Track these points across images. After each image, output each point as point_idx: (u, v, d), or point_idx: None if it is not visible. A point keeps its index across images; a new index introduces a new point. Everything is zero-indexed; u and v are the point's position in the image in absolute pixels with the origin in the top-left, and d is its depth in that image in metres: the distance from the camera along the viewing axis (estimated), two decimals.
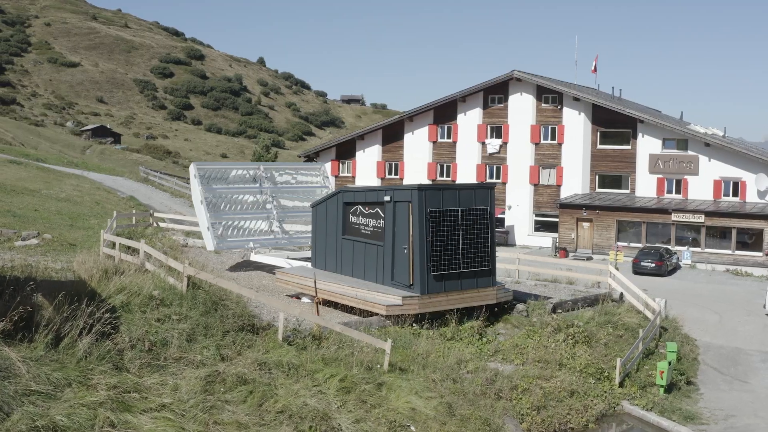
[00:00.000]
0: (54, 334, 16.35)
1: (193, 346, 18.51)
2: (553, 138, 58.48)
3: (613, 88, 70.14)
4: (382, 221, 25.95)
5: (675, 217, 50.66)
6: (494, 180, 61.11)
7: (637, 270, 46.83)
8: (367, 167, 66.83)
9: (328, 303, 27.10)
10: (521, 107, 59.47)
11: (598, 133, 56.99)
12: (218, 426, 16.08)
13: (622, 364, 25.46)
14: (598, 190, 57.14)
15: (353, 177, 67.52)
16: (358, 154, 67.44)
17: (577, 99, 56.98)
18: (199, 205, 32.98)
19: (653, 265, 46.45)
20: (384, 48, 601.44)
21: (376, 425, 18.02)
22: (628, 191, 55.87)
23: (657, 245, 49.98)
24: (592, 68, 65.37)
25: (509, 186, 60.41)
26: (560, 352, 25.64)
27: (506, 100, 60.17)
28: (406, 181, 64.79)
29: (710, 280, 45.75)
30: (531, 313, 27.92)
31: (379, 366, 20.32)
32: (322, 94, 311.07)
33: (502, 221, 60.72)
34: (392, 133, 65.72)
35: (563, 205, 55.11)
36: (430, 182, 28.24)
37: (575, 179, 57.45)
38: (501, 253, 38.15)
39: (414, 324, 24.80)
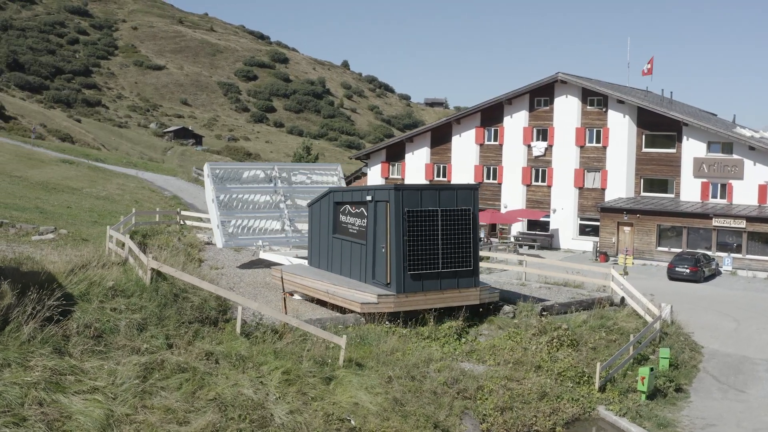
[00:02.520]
0: (2, 319, 17.26)
1: (143, 335, 19.27)
2: (598, 141, 57.80)
3: (662, 90, 68.73)
4: (366, 220, 26.38)
5: (716, 222, 49.50)
6: (540, 183, 60.75)
7: (672, 276, 46.04)
8: (416, 169, 67.23)
9: (315, 300, 27.61)
10: (566, 110, 58.98)
11: (644, 136, 56.08)
12: (146, 410, 16.84)
13: (604, 369, 25.21)
14: (642, 194, 56.23)
15: (402, 179, 67.99)
16: (408, 156, 67.89)
17: (621, 101, 56.18)
18: (210, 204, 33.99)
19: (688, 270, 45.57)
20: (468, 50, 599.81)
21: (312, 417, 18.46)
22: (672, 195, 54.81)
23: (694, 251, 48.94)
24: (645, 70, 64.32)
25: (554, 189, 59.95)
26: (540, 354, 25.55)
27: (551, 102, 59.76)
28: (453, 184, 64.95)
29: (748, 288, 44.61)
30: (518, 315, 27.82)
31: (330, 361, 20.70)
32: (405, 97, 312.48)
33: (546, 225, 60.36)
34: (440, 136, 65.98)
35: (604, 209, 54.44)
36: (477, 184, 28.37)
37: (619, 183, 56.66)
38: (527, 258, 38.01)
39: (388, 322, 25.08)
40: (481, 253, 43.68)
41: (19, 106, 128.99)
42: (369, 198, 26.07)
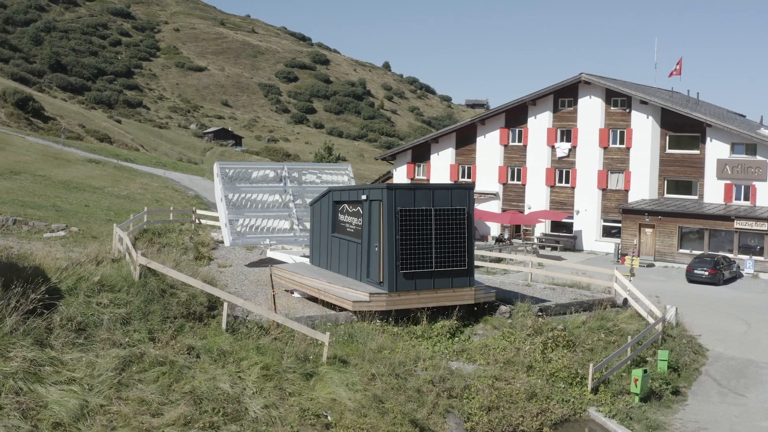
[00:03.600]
0: None
1: (125, 329, 19.71)
2: (621, 142, 57.39)
3: (688, 90, 67.95)
4: (361, 219, 26.60)
5: (738, 224, 48.89)
6: (563, 184, 60.49)
7: (691, 278, 45.60)
8: (441, 170, 67.33)
9: (313, 298, 27.90)
10: (590, 110, 58.65)
11: (667, 137, 55.56)
12: (121, 401, 17.28)
13: (597, 370, 25.13)
14: (666, 195, 55.70)
15: (428, 180, 68.10)
16: (433, 157, 68.01)
17: (645, 102, 55.71)
18: (219, 203, 34.49)
19: (707, 273, 45.08)
20: (509, 50, 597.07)
21: (287, 412, 18.74)
22: (696, 197, 54.22)
23: (714, 253, 48.40)
24: (673, 71, 63.63)
25: (578, 190, 59.64)
26: (533, 354, 25.52)
27: (575, 103, 59.48)
28: (478, 185, 64.94)
29: (767, 291, 44.04)
30: (514, 315, 27.82)
31: (312, 357, 20.95)
32: (446, 99, 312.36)
33: (570, 226, 60.07)
34: (465, 137, 66.00)
35: (626, 210, 54.06)
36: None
37: (643, 184, 56.20)
38: (532, 259, 37.85)
39: (379, 320, 25.27)
40: (495, 255, 43.77)
41: (59, 107, 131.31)
42: (364, 197, 26.30)
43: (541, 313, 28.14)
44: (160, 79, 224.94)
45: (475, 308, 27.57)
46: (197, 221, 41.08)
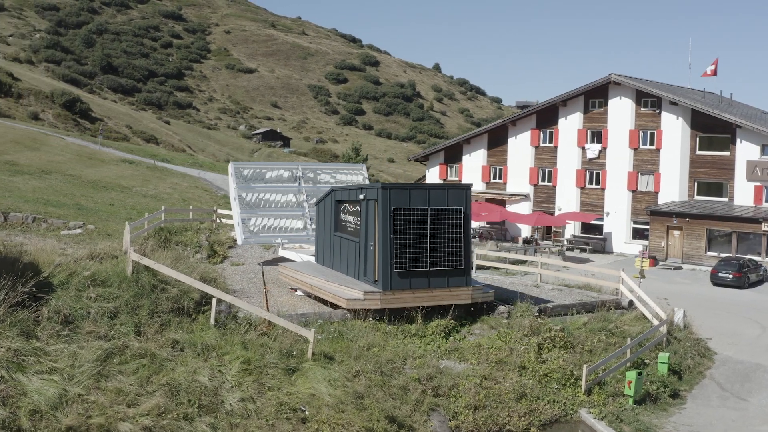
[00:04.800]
0: None
1: (112, 322, 20.35)
2: (651, 143, 56.84)
3: (721, 91, 66.97)
4: (359, 218, 26.95)
5: (766, 227, 48.18)
6: (593, 186, 60.11)
7: (716, 281, 45.03)
8: (472, 171, 67.33)
9: (314, 296, 28.31)
10: (620, 111, 58.19)
11: (697, 139, 54.85)
12: (99, 391, 17.93)
13: (591, 371, 25.02)
14: (696, 197, 55.02)
15: (459, 181, 68.15)
16: (465, 158, 68.06)
17: (674, 103, 55.13)
18: (233, 202, 35.12)
19: (731, 276, 44.48)
20: (558, 52, 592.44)
21: (264, 406, 19.20)
22: (726, 199, 53.48)
23: (740, 256, 47.74)
24: (707, 71, 62.83)
25: (608, 192, 59.20)
26: (527, 355, 25.52)
27: (606, 104, 59.05)
28: (509, 186, 64.91)
29: None
30: (513, 316, 27.88)
31: (296, 353, 21.37)
32: (496, 100, 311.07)
33: (600, 228, 59.69)
34: (496, 138, 65.92)
35: (654, 212, 53.56)
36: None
37: (672, 186, 55.56)
38: (542, 259, 37.70)
39: (371, 318, 25.58)
40: (512, 256, 43.65)
41: (107, 108, 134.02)
42: (361, 196, 26.65)
43: (540, 314, 28.13)
44: (211, 81, 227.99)
45: (472, 308, 27.69)
46: (218, 220, 41.79)
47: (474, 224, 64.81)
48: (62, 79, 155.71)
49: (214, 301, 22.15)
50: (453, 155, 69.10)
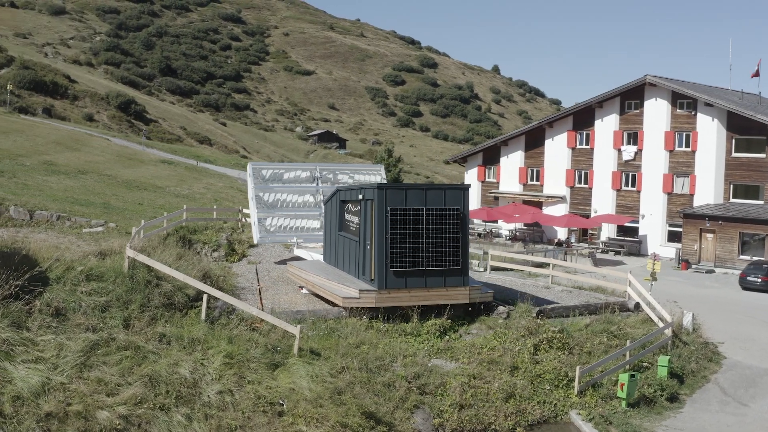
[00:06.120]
0: None
1: (103, 316, 21.22)
2: (687, 145, 56.23)
3: (759, 92, 65.73)
4: (360, 218, 27.46)
5: None
6: (629, 188, 59.69)
7: (744, 285, 44.43)
8: (510, 173, 67.38)
9: (317, 295, 28.91)
10: (656, 113, 57.68)
11: (733, 140, 54.10)
12: (81, 380, 18.77)
13: (585, 373, 24.99)
14: (731, 200, 54.27)
15: (497, 182, 68.27)
16: (502, 160, 68.11)
17: (709, 104, 54.47)
18: (251, 202, 35.98)
19: (760, 280, 43.83)
20: (616, 53, 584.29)
21: (242, 398, 19.82)
22: (761, 202, 52.65)
23: None
24: (753, 73, 61.90)
25: (643, 194, 58.70)
26: (521, 355, 25.60)
27: (641, 105, 58.57)
28: (545, 188, 64.78)
29: None
30: (512, 316, 28.05)
31: (281, 348, 21.96)
32: (555, 102, 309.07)
33: (636, 230, 59.25)
34: (534, 139, 65.86)
35: (687, 215, 52.98)
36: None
37: (708, 188, 54.87)
38: (553, 261, 37.71)
39: (365, 317, 26.04)
40: (521, 256, 43.52)
41: (163, 110, 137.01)
42: (360, 196, 27.16)
43: (539, 315, 28.24)
44: (269, 83, 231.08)
45: (470, 308, 27.91)
46: (243, 220, 42.68)
47: (510, 226, 64.89)
48: (121, 81, 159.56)
49: (204, 296, 22.88)
50: (491, 157, 69.19)
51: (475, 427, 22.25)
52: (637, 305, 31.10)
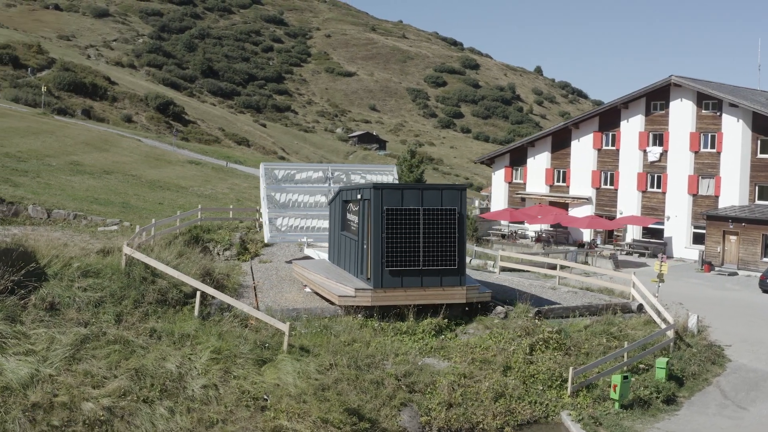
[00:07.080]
0: None
1: (96, 311, 21.90)
2: (712, 146, 55.62)
3: None
4: (359, 217, 27.86)
5: None
6: (654, 189, 59.24)
7: (765, 288, 43.88)
8: (536, 174, 67.18)
9: (318, 293, 29.37)
10: (681, 114, 57.09)
11: (759, 141, 53.44)
12: (69, 372, 19.44)
13: (578, 374, 24.98)
14: (757, 202, 53.60)
15: (524, 183, 68.15)
16: (529, 161, 67.92)
17: (734, 105, 53.91)
18: (262, 201, 36.58)
19: None
20: (661, 54, 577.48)
21: (226, 393, 20.33)
22: None
23: None
24: None
25: (668, 196, 58.12)
26: (515, 355, 25.72)
27: (667, 106, 58.07)
28: (571, 190, 64.54)
29: None
30: (510, 316, 28.20)
31: (269, 344, 22.44)
32: (598, 103, 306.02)
33: (660, 232, 58.81)
34: (560, 140, 65.58)
35: (710, 217, 52.45)
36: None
37: (733, 190, 54.20)
38: (562, 262, 37.70)
39: (360, 315, 26.40)
40: (529, 257, 43.47)
41: (202, 111, 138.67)
42: (359, 196, 27.55)
43: (537, 315, 28.35)
44: (310, 84, 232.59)
45: (467, 308, 28.10)
46: (260, 219, 43.29)
47: (536, 227, 64.78)
48: (162, 82, 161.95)
49: (198, 293, 23.45)
50: (518, 158, 69.06)
51: (462, 426, 22.40)
52: (641, 307, 31.03)
